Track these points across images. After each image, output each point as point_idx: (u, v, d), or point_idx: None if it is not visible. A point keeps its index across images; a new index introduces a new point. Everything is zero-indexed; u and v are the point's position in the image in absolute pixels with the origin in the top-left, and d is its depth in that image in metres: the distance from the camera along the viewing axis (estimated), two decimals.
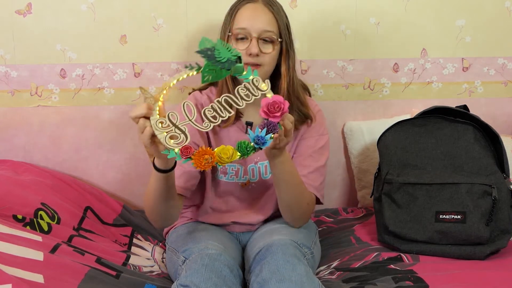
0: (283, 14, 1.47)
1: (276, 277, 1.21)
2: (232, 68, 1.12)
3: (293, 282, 1.19)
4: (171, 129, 1.13)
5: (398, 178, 1.53)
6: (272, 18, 1.42)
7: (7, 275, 1.11)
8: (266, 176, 1.53)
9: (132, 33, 1.86)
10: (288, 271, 1.22)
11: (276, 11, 1.43)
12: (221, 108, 1.13)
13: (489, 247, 1.47)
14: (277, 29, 1.42)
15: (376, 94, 1.98)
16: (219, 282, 1.22)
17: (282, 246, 1.30)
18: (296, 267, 1.23)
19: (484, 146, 1.54)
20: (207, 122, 1.13)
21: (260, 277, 1.23)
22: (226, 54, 1.12)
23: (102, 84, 1.89)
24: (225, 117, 1.13)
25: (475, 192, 1.47)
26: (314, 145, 1.53)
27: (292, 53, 1.47)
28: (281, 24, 1.43)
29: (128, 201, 1.94)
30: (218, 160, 1.12)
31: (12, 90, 1.87)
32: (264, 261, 1.27)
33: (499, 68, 1.99)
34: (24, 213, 1.47)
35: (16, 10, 1.82)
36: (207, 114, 1.13)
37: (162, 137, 1.13)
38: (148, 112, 1.14)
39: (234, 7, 1.45)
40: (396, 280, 1.33)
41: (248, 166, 1.53)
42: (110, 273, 1.35)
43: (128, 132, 1.91)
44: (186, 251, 1.36)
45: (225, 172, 1.53)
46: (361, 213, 1.88)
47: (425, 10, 1.93)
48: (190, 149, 1.12)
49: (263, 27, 1.40)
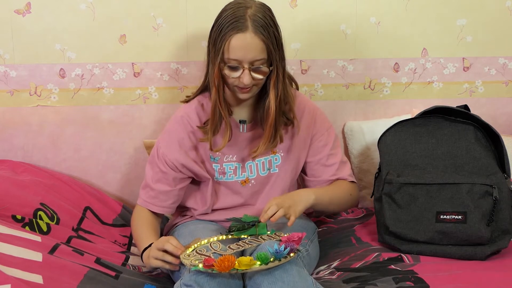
0: (273, 31, 1.42)
1: (268, 279, 1.22)
2: (258, 229, 1.40)
3: (285, 283, 1.21)
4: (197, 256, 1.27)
5: (398, 178, 1.53)
6: (263, 46, 1.39)
7: (6, 276, 1.11)
8: (264, 172, 1.55)
9: (132, 32, 1.86)
10: (280, 272, 1.23)
11: (266, 36, 1.39)
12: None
13: (490, 248, 1.47)
14: (267, 55, 1.40)
15: (377, 94, 1.97)
16: (222, 282, 1.23)
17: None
18: (287, 268, 1.24)
19: (485, 146, 1.54)
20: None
21: (252, 280, 1.25)
22: (249, 219, 1.41)
23: (102, 84, 1.88)
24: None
25: (476, 192, 1.46)
26: (327, 141, 1.60)
27: (280, 67, 1.44)
28: (272, 49, 1.40)
29: (128, 201, 1.93)
30: (237, 266, 1.22)
31: (11, 90, 1.86)
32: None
33: (500, 68, 1.98)
34: (23, 213, 1.47)
35: (15, 10, 1.82)
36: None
37: (188, 263, 1.26)
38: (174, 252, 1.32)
39: (224, 36, 1.39)
40: (396, 281, 1.33)
41: (246, 163, 1.54)
42: (109, 273, 1.34)
43: (127, 132, 1.91)
44: None
45: (223, 173, 1.54)
46: (361, 213, 1.87)
47: (426, 10, 1.93)
48: (210, 260, 1.22)
49: (254, 57, 1.39)
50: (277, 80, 1.44)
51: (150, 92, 1.90)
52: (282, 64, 1.45)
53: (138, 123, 1.91)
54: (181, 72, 1.89)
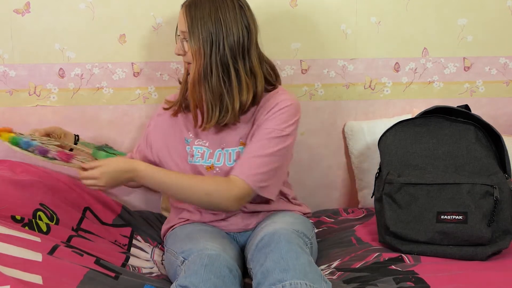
0: (201, 14, 1.46)
1: (280, 266, 1.22)
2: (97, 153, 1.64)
3: (297, 271, 1.20)
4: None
5: (399, 178, 1.53)
6: (184, 21, 1.48)
7: (5, 277, 1.10)
8: (230, 163, 1.54)
9: (131, 32, 1.86)
10: (292, 259, 1.23)
11: (188, 14, 1.47)
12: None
13: (490, 248, 1.46)
14: (187, 30, 1.48)
15: (377, 94, 1.97)
16: (218, 283, 1.22)
17: (285, 234, 1.32)
18: (299, 256, 1.25)
19: (485, 146, 1.53)
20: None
21: (264, 266, 1.25)
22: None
23: (101, 83, 1.88)
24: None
25: (477, 193, 1.46)
26: (261, 138, 1.49)
27: (208, 54, 1.46)
28: (191, 28, 1.47)
29: (128, 201, 1.93)
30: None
31: (10, 89, 1.86)
32: (268, 250, 1.28)
33: (500, 68, 1.98)
34: (23, 213, 1.46)
35: (15, 9, 1.82)
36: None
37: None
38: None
39: None
40: (397, 281, 1.32)
41: (216, 150, 1.55)
42: (109, 274, 1.34)
43: (127, 132, 1.91)
44: (184, 252, 1.36)
45: (192, 155, 1.57)
46: (361, 213, 1.87)
47: (426, 9, 1.92)
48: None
49: (180, 28, 1.52)
50: (199, 59, 1.47)
51: (149, 92, 1.90)
52: (209, 51, 1.46)
53: (138, 123, 1.91)
54: (180, 72, 1.89)
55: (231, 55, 1.47)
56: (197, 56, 1.47)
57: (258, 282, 1.24)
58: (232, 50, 1.46)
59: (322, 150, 1.99)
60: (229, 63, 1.46)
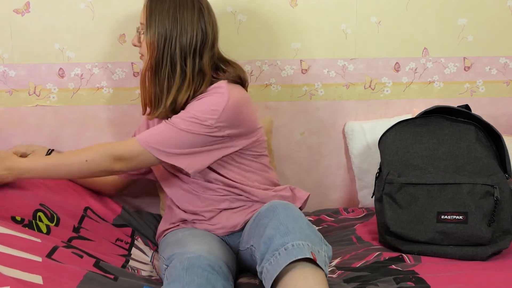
0: (160, 8, 1.49)
1: (280, 232, 1.22)
2: None
3: (297, 234, 1.21)
4: None
5: (399, 178, 1.52)
6: (144, 12, 1.52)
7: (5, 277, 1.10)
8: None
9: (131, 32, 1.85)
10: (291, 223, 1.24)
11: (149, 5, 1.50)
12: None
13: (491, 248, 1.47)
14: (145, 21, 1.51)
15: (377, 94, 1.97)
16: (202, 282, 1.21)
17: (281, 203, 1.32)
18: (297, 220, 1.26)
19: (486, 146, 1.53)
20: None
21: (264, 236, 1.25)
22: None
23: (101, 83, 1.88)
24: None
25: (477, 193, 1.46)
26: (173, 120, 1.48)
27: (177, 51, 1.48)
28: (148, 19, 1.50)
29: (128, 202, 1.93)
30: None
31: (10, 89, 1.86)
32: (266, 220, 1.28)
33: (501, 68, 1.98)
34: (23, 214, 1.46)
35: (14, 9, 1.81)
36: None
37: None
38: None
39: None
40: (397, 281, 1.32)
41: None
42: (109, 276, 1.34)
43: (127, 132, 1.90)
44: (169, 258, 1.36)
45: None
46: (362, 213, 1.87)
47: (427, 9, 1.92)
48: None
49: (140, 20, 1.55)
50: (153, 53, 1.49)
51: None
52: (162, 46, 1.48)
53: (137, 123, 1.90)
54: None
55: (181, 55, 1.49)
56: (150, 49, 1.50)
57: (262, 253, 1.24)
58: (183, 49, 1.49)
59: (322, 150, 1.99)
60: (177, 61, 1.49)
